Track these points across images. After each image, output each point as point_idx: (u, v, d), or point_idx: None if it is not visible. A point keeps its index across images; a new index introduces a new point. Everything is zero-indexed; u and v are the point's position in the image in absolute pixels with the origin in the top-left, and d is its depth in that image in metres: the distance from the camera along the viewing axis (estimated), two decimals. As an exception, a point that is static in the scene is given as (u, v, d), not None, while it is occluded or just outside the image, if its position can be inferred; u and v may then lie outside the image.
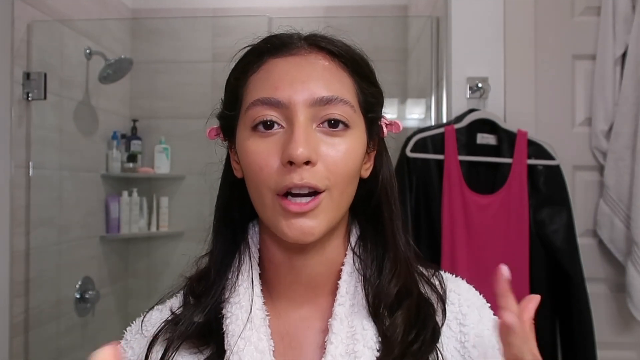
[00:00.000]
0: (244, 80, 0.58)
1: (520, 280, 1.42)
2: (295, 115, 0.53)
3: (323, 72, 0.56)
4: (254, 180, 0.55)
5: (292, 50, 0.57)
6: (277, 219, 0.54)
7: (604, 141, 1.55)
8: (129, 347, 0.62)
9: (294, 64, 0.56)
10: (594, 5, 1.57)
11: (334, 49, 0.57)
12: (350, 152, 0.55)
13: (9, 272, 1.70)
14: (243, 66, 0.59)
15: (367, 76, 0.60)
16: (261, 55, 0.57)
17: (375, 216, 0.62)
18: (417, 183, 1.46)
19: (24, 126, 1.81)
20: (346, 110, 0.55)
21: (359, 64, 0.59)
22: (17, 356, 1.77)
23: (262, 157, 0.54)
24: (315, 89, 0.54)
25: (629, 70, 1.50)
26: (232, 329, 0.57)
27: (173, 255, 2.64)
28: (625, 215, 1.49)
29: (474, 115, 1.48)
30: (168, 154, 2.66)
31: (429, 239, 1.45)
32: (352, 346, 0.55)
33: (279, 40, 0.58)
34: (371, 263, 0.60)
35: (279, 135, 0.54)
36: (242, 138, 0.56)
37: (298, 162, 0.51)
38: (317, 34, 0.59)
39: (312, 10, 2.71)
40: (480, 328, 0.59)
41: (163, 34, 2.70)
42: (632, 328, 1.57)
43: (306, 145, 0.52)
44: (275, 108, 0.54)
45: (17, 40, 1.76)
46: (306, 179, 0.52)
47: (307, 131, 0.53)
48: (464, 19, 1.57)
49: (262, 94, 0.55)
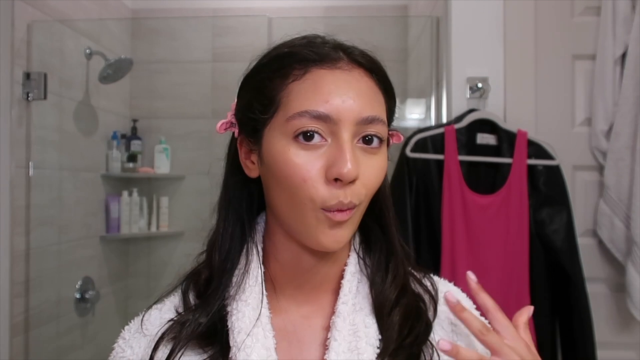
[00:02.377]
0: (283, 85, 0.56)
1: (520, 280, 1.42)
2: (343, 131, 0.54)
3: (367, 90, 0.56)
4: (292, 191, 0.55)
5: (337, 63, 0.56)
6: (317, 228, 0.55)
7: (604, 141, 1.55)
8: (127, 346, 0.62)
9: (342, 79, 0.55)
10: (594, 5, 1.57)
11: (371, 66, 0.58)
12: (382, 167, 0.57)
13: (9, 272, 1.70)
14: (281, 69, 0.57)
15: (392, 92, 0.61)
16: (305, 61, 0.56)
17: (378, 218, 0.64)
18: (417, 183, 1.46)
19: (24, 126, 1.81)
20: (382, 129, 0.56)
21: (387, 81, 0.60)
22: (17, 356, 1.77)
23: (305, 169, 0.54)
24: (362, 107, 0.54)
25: (629, 70, 1.50)
26: (238, 326, 0.57)
27: (173, 255, 2.64)
28: (625, 215, 1.49)
29: (474, 115, 1.48)
30: (168, 154, 2.66)
31: (429, 238, 1.45)
32: (355, 343, 0.56)
33: (321, 49, 0.57)
34: (377, 266, 0.62)
35: (323, 150, 0.54)
36: (281, 147, 0.55)
37: (346, 181, 0.53)
38: (350, 46, 0.58)
39: (312, 10, 2.71)
40: None
41: (163, 34, 2.70)
42: (632, 328, 1.57)
43: (354, 164, 0.53)
44: (322, 121, 0.54)
45: (17, 40, 1.76)
46: (350, 197, 0.54)
47: (352, 148, 0.54)
48: (464, 19, 1.57)
49: (311, 106, 0.54)
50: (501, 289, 1.41)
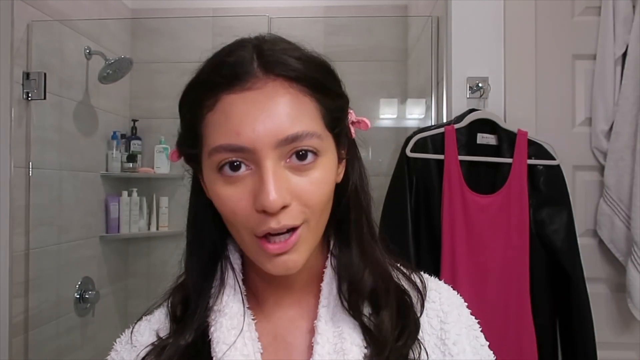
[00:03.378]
0: (200, 117, 0.54)
1: (521, 280, 1.42)
2: (262, 159, 0.51)
3: (284, 106, 0.51)
4: (229, 221, 0.55)
5: (247, 84, 0.51)
6: (259, 258, 0.55)
7: (604, 141, 1.54)
8: (119, 357, 0.62)
9: (252, 102, 0.51)
10: (594, 5, 1.57)
11: (291, 73, 0.52)
12: (323, 181, 0.54)
13: (9, 272, 1.70)
14: (195, 100, 0.55)
15: (331, 90, 0.56)
16: (213, 90, 0.53)
17: (344, 216, 0.61)
18: (417, 183, 1.46)
19: (24, 126, 1.81)
20: (313, 141, 0.52)
21: (319, 81, 0.54)
22: (17, 356, 1.77)
23: (233, 203, 0.52)
24: (278, 128, 0.50)
25: (629, 70, 1.50)
26: (217, 337, 0.57)
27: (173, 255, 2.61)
28: (625, 215, 1.49)
29: (474, 115, 1.48)
30: (168, 154, 2.66)
31: (429, 238, 1.45)
32: (340, 344, 0.56)
33: (231, 69, 0.52)
34: (343, 260, 0.61)
35: (248, 178, 0.52)
36: (210, 179, 0.54)
37: (272, 212, 0.50)
38: (271, 54, 0.53)
39: (312, 10, 2.71)
40: (459, 326, 0.61)
41: (163, 33, 2.70)
42: (632, 328, 1.56)
43: (278, 192, 0.50)
44: (240, 153, 0.51)
45: (17, 40, 1.76)
46: (283, 221, 0.51)
47: (277, 173, 0.51)
48: (464, 19, 1.57)
49: (224, 140, 0.51)
50: (501, 289, 1.41)
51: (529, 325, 1.41)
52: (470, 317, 0.64)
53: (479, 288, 1.39)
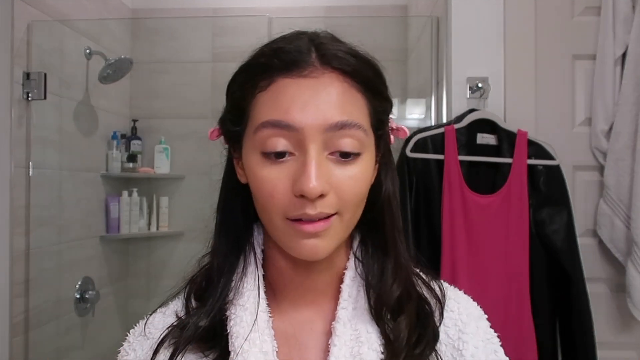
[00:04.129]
0: (251, 96, 0.55)
1: (521, 280, 1.42)
2: (308, 142, 0.52)
3: (337, 95, 0.53)
4: (263, 204, 0.55)
5: (304, 71, 0.53)
6: (289, 239, 0.55)
7: (604, 141, 1.55)
8: (131, 349, 0.62)
9: (307, 87, 0.53)
10: (594, 5, 1.57)
11: (347, 68, 0.54)
12: (361, 178, 0.55)
13: (9, 272, 1.70)
14: (248, 80, 0.56)
15: (380, 91, 0.58)
16: (269, 71, 0.54)
17: (377, 222, 0.62)
18: (417, 183, 1.46)
19: (24, 126, 1.81)
20: (359, 135, 0.54)
21: (373, 81, 0.57)
22: (17, 356, 1.77)
23: (272, 185, 0.53)
24: (329, 114, 0.52)
25: (629, 70, 1.50)
26: (236, 331, 0.57)
27: (173, 255, 2.64)
28: (625, 215, 1.49)
29: (474, 115, 1.48)
30: (168, 154, 2.66)
31: (429, 238, 1.45)
32: (357, 349, 0.55)
33: (289, 55, 0.54)
34: (372, 267, 0.61)
35: (290, 163, 0.53)
36: (251, 159, 0.55)
37: (311, 198, 0.51)
38: (328, 48, 0.55)
39: (312, 10, 2.71)
40: (477, 339, 0.60)
41: (163, 34, 2.70)
42: (632, 328, 1.57)
43: (319, 179, 0.51)
44: (286, 132, 0.52)
45: (17, 40, 1.76)
46: (319, 208, 0.52)
47: (319, 161, 0.52)
48: (464, 19, 1.57)
49: (272, 116, 0.52)
50: (501, 289, 1.41)
51: (529, 325, 1.41)
52: (489, 330, 0.62)
53: (479, 288, 1.39)
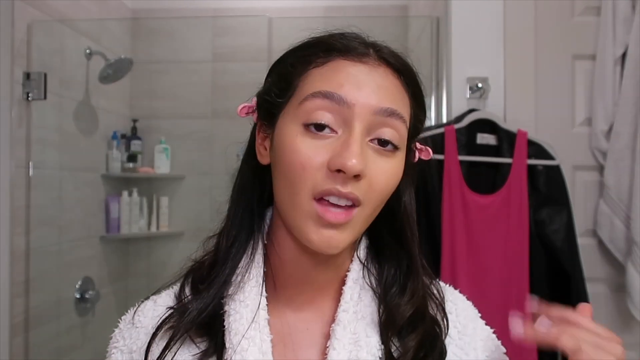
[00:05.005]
0: (303, 70, 0.55)
1: (521, 280, 1.42)
2: (355, 120, 0.52)
3: (390, 86, 0.54)
4: (290, 178, 0.53)
5: (363, 58, 0.54)
6: (307, 223, 0.53)
7: (604, 141, 1.55)
8: (121, 336, 0.62)
9: (364, 71, 0.54)
10: (594, 5, 1.57)
11: (400, 67, 0.56)
12: (394, 173, 0.55)
13: (9, 272, 1.70)
14: (305, 55, 0.56)
15: (421, 101, 0.59)
16: (329, 51, 0.55)
17: (398, 235, 0.62)
18: (417, 183, 1.46)
19: (24, 126, 1.81)
20: (401, 129, 0.54)
21: (418, 87, 0.58)
22: (17, 356, 1.77)
23: (307, 156, 0.52)
24: (381, 98, 0.53)
25: (629, 70, 1.50)
26: (235, 327, 0.56)
27: (173, 255, 2.64)
28: (625, 215, 1.49)
29: (474, 115, 1.48)
30: (168, 154, 2.66)
31: (429, 239, 1.45)
32: (356, 353, 0.55)
33: (351, 42, 0.55)
34: (386, 279, 0.60)
35: (331, 140, 0.52)
36: (289, 131, 0.54)
37: (349, 174, 0.50)
38: (383, 46, 0.57)
39: (312, 10, 2.71)
40: (475, 339, 0.61)
41: (163, 34, 2.70)
42: (632, 328, 1.56)
43: (361, 159, 0.51)
44: (336, 106, 0.52)
45: (17, 40, 1.76)
46: (351, 188, 0.51)
47: (362, 143, 0.52)
48: (464, 19, 1.57)
49: (325, 87, 0.52)
50: (501, 289, 1.41)
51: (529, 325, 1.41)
52: (485, 328, 0.64)
53: (479, 288, 1.39)
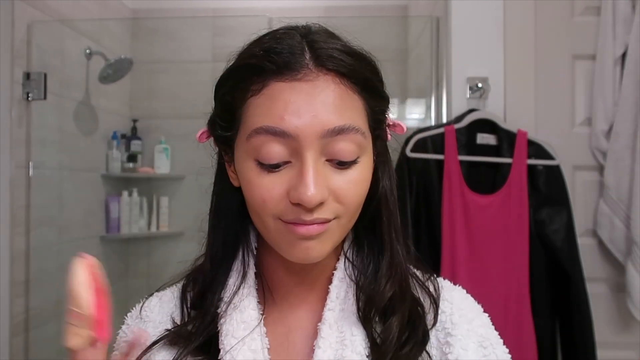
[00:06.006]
0: (243, 100, 0.53)
1: (520, 280, 1.42)
2: (304, 150, 0.50)
3: (333, 99, 0.51)
4: (256, 208, 0.53)
5: (298, 74, 0.50)
6: (282, 241, 0.53)
7: (604, 141, 1.55)
8: (129, 331, 0.64)
9: (300, 92, 0.50)
10: (594, 5, 1.57)
11: (343, 69, 0.52)
12: (361, 181, 0.53)
13: (9, 272, 1.71)
14: (240, 83, 0.53)
15: (377, 90, 0.56)
16: (262, 75, 0.51)
17: (373, 221, 0.60)
18: (417, 183, 1.46)
19: (24, 126, 1.81)
20: (357, 139, 0.52)
21: (370, 80, 0.54)
22: (17, 356, 1.77)
23: (265, 191, 0.51)
24: (325, 119, 0.50)
25: (629, 70, 1.50)
26: (226, 329, 0.57)
27: (173, 255, 2.64)
28: (625, 215, 1.49)
29: (474, 115, 1.48)
30: (168, 154, 2.66)
31: (429, 238, 1.45)
32: (341, 351, 0.54)
33: (281, 57, 0.51)
34: (366, 268, 0.59)
35: (286, 170, 0.51)
36: (246, 166, 0.53)
37: (309, 207, 0.49)
38: (323, 48, 0.52)
39: (312, 11, 2.71)
40: (466, 342, 0.57)
41: (163, 34, 2.70)
42: (632, 328, 1.57)
43: (317, 187, 0.49)
44: (281, 139, 0.50)
45: (17, 40, 1.76)
46: (316, 215, 0.51)
47: (317, 168, 0.50)
48: (464, 19, 1.57)
49: (267, 122, 0.50)
50: (501, 289, 1.41)
51: (529, 325, 1.41)
52: (487, 332, 0.59)
53: (479, 288, 1.39)
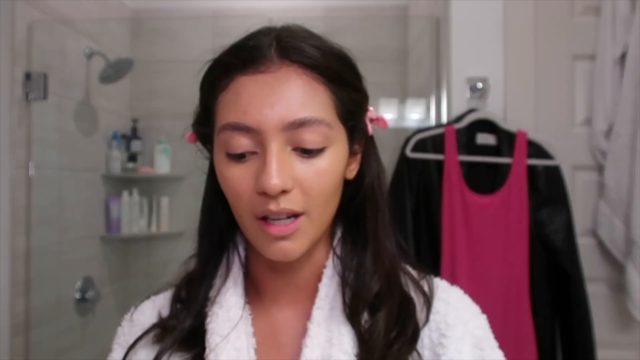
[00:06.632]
0: (214, 97, 0.55)
1: (520, 280, 1.42)
2: (267, 142, 0.51)
3: (296, 90, 0.52)
4: (232, 205, 0.55)
5: (261, 67, 0.52)
6: (259, 241, 0.55)
7: (603, 141, 1.55)
8: (122, 332, 0.65)
9: (264, 85, 0.52)
10: (594, 5, 1.57)
11: (307, 60, 0.53)
12: (327, 172, 0.53)
13: (9, 272, 1.70)
14: (211, 81, 0.56)
15: (347, 82, 0.56)
16: (229, 71, 0.54)
17: (358, 215, 0.60)
18: (417, 183, 1.46)
19: (24, 126, 1.81)
20: (322, 131, 0.52)
21: (335, 71, 0.54)
22: (17, 356, 1.77)
23: (238, 184, 0.53)
24: (286, 112, 0.51)
25: (629, 70, 1.50)
26: (212, 328, 0.57)
27: (173, 255, 2.64)
28: (625, 215, 1.49)
29: (473, 115, 1.48)
30: (168, 154, 2.66)
31: (429, 239, 1.45)
32: (328, 350, 0.54)
33: (247, 52, 0.54)
34: (351, 263, 0.59)
35: (253, 161, 0.53)
36: (220, 160, 0.55)
37: (272, 194, 0.51)
38: (290, 41, 0.54)
39: (312, 11, 2.71)
40: (461, 344, 0.56)
41: (163, 34, 2.70)
42: (632, 328, 1.57)
43: (280, 175, 0.50)
44: (246, 133, 0.52)
45: (17, 40, 1.76)
46: (282, 204, 0.52)
47: (281, 157, 0.51)
48: (464, 19, 1.57)
49: (231, 118, 0.52)
50: (501, 289, 1.41)
51: (529, 325, 1.41)
52: (483, 334, 0.58)
53: (479, 288, 1.39)
